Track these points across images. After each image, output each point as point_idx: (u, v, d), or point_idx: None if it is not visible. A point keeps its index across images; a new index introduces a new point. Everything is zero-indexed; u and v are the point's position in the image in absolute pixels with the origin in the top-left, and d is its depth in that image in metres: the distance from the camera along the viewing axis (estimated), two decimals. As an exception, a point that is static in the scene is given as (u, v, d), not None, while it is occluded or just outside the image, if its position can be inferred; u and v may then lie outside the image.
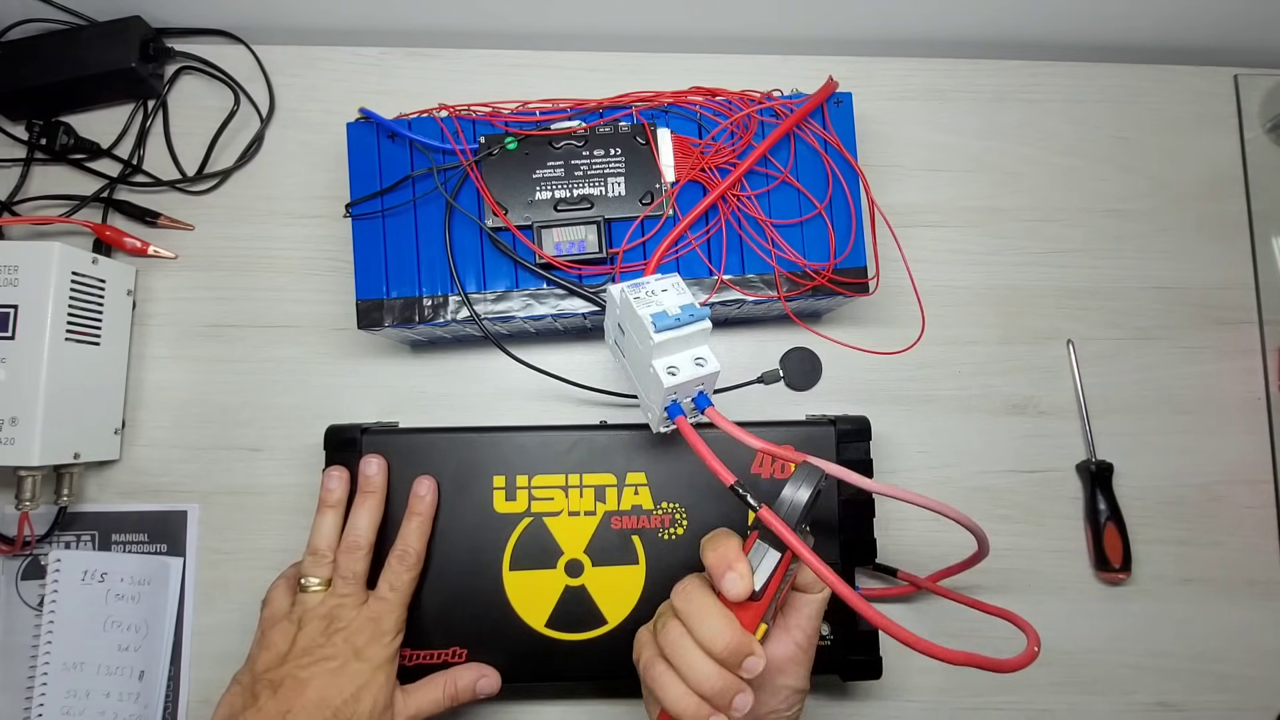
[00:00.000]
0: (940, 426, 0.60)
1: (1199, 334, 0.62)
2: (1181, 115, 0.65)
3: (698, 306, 0.42)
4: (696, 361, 0.42)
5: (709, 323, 0.42)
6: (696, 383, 0.42)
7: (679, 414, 0.43)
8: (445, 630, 0.50)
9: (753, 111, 0.52)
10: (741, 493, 0.40)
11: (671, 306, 0.42)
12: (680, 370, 0.42)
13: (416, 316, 0.51)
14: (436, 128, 0.51)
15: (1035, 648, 0.40)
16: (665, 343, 0.41)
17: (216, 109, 0.61)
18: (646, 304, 0.42)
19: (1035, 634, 0.40)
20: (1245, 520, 0.59)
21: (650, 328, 0.41)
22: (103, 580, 0.55)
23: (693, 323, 0.41)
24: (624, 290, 0.43)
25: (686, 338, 0.42)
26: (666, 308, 0.42)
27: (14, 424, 0.50)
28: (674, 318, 0.41)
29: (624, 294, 0.43)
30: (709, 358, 0.42)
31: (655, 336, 0.41)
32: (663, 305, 0.42)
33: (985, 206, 0.62)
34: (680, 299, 0.42)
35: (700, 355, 0.42)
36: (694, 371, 0.42)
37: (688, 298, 0.42)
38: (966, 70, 0.64)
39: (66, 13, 0.58)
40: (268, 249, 0.60)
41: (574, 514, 0.51)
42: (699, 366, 0.42)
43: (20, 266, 0.51)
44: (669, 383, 0.41)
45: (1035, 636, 0.40)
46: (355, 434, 0.52)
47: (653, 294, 0.43)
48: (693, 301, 0.42)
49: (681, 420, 0.42)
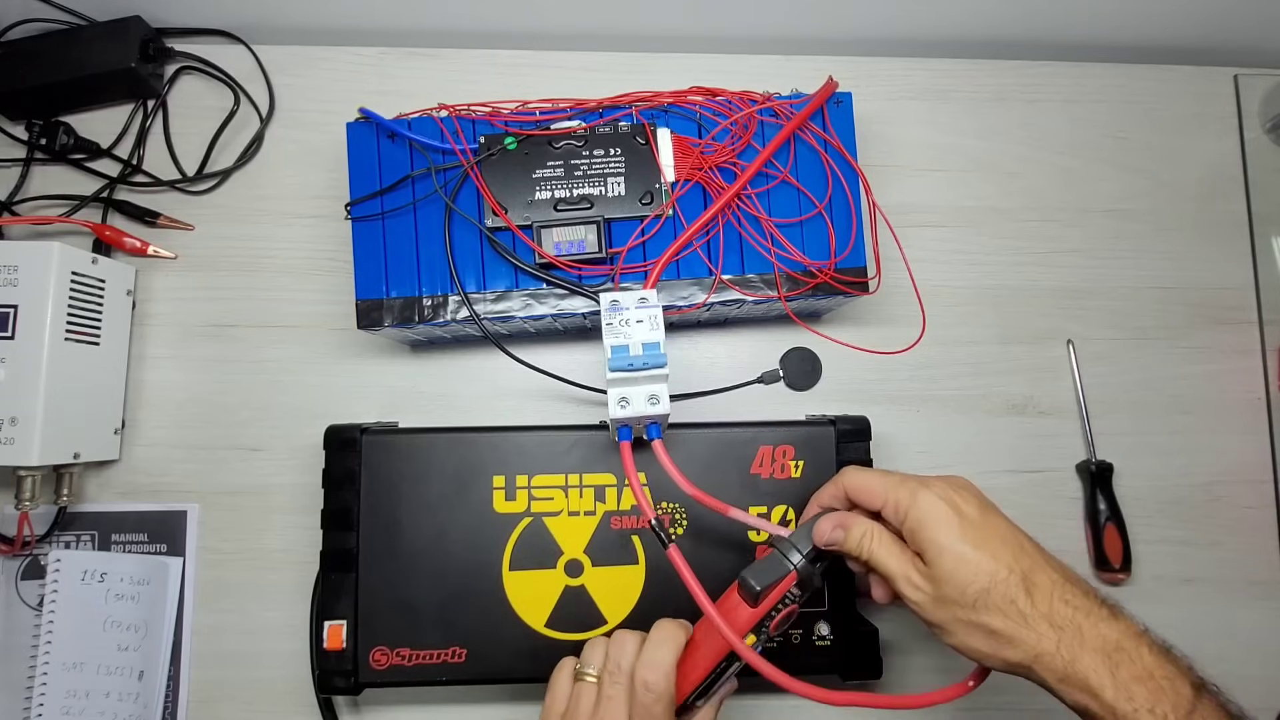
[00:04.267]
0: (940, 426, 0.60)
1: (1199, 334, 0.62)
2: (1181, 115, 0.65)
3: (660, 351, 0.44)
4: (650, 399, 0.44)
5: (666, 370, 0.44)
6: (647, 418, 0.45)
7: (626, 439, 0.45)
8: (445, 630, 0.50)
9: (753, 112, 0.52)
10: (657, 530, 0.43)
11: (636, 344, 0.44)
12: (631, 404, 0.44)
13: (416, 316, 0.51)
14: (436, 128, 0.51)
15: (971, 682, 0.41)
16: (619, 379, 0.43)
17: (216, 109, 0.61)
18: (615, 333, 0.44)
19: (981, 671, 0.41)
20: (1245, 520, 0.59)
21: (606, 363, 0.43)
22: (102, 580, 0.55)
23: (647, 369, 0.44)
24: (605, 308, 0.45)
25: (643, 378, 0.44)
26: (631, 344, 0.44)
27: (14, 424, 0.50)
28: (632, 359, 0.43)
29: (602, 310, 0.45)
30: (663, 398, 0.44)
31: (609, 374, 0.43)
32: (629, 339, 0.44)
33: (985, 206, 0.62)
34: (650, 335, 0.44)
35: (655, 393, 0.44)
36: (644, 409, 0.44)
37: (658, 335, 0.44)
38: (966, 70, 0.64)
39: (66, 13, 0.58)
40: (268, 249, 0.60)
41: (574, 514, 0.51)
42: (651, 405, 0.44)
43: (20, 266, 0.51)
44: (616, 414, 0.44)
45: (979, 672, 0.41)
46: (355, 434, 0.52)
47: (626, 323, 0.44)
48: (659, 342, 0.44)
49: (625, 446, 0.45)
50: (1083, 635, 0.37)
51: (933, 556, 0.39)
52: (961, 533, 0.39)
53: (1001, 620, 0.37)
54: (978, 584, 0.38)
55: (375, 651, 0.50)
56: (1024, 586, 0.38)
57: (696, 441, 0.52)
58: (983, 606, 0.38)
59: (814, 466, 0.52)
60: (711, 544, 0.51)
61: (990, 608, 0.37)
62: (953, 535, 0.39)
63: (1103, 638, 0.36)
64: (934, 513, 0.39)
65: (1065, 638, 0.37)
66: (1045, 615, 0.37)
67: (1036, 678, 0.38)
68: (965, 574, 0.38)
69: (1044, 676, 0.37)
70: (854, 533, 0.42)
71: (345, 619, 0.50)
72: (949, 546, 0.38)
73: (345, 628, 0.50)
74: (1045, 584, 0.38)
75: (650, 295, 0.46)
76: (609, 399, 0.44)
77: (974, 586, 0.38)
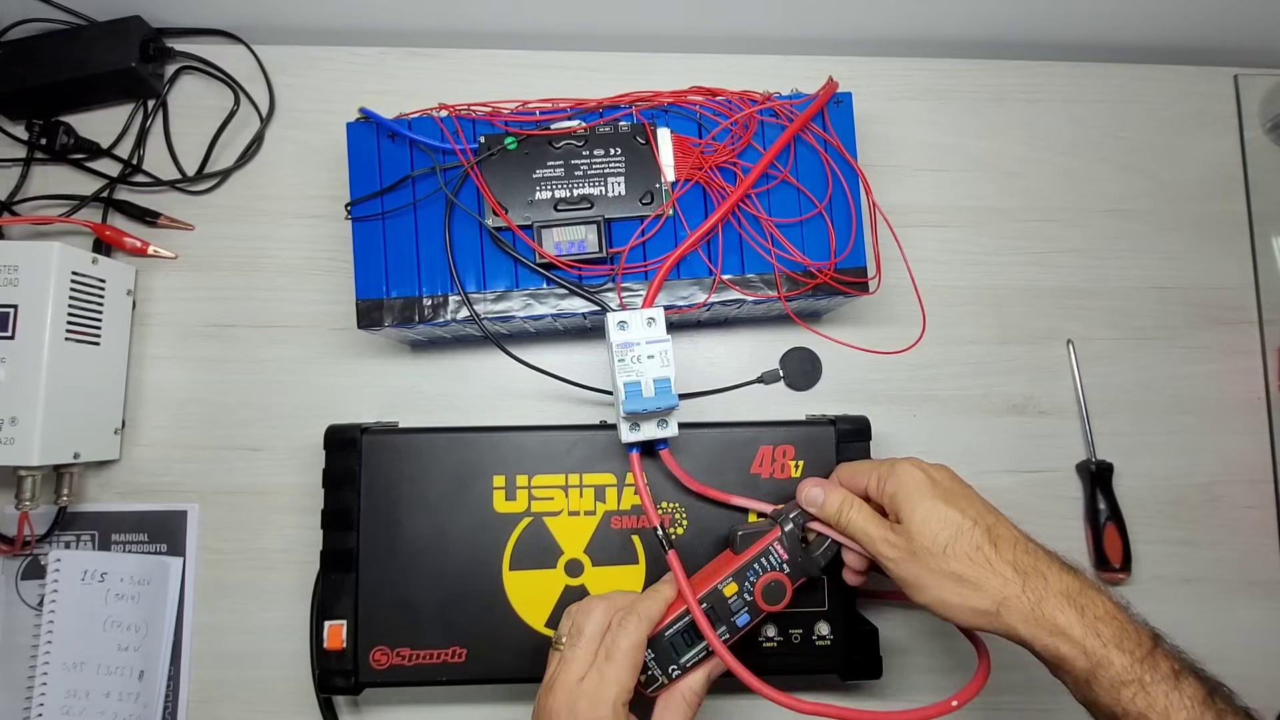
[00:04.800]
0: (940, 426, 0.60)
1: (1199, 334, 0.62)
2: (1181, 115, 0.65)
3: (671, 390, 0.45)
4: (659, 424, 0.47)
5: (676, 406, 0.46)
6: (656, 440, 0.48)
7: (636, 451, 0.48)
8: (445, 630, 0.50)
9: (753, 112, 0.52)
10: (660, 537, 0.47)
11: (648, 382, 0.46)
12: (642, 429, 0.47)
13: (416, 316, 0.51)
14: (436, 128, 0.51)
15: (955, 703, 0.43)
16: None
17: (216, 109, 0.61)
18: (627, 370, 0.46)
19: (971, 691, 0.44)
20: (1245, 520, 0.59)
21: (620, 406, 0.45)
22: (103, 580, 0.55)
23: (660, 411, 0.46)
24: (614, 340, 0.46)
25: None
26: (644, 381, 0.46)
27: (14, 424, 0.50)
28: (645, 401, 0.45)
29: (610, 342, 0.46)
30: (671, 425, 0.47)
31: (623, 412, 0.45)
32: (641, 375, 0.46)
33: (985, 206, 0.62)
34: (661, 371, 0.46)
35: (664, 420, 0.47)
36: (654, 433, 0.47)
37: (669, 371, 0.46)
38: (966, 70, 0.64)
39: (66, 13, 0.58)
40: (267, 249, 0.60)
41: (574, 514, 0.51)
42: (660, 429, 0.47)
43: (20, 266, 0.51)
44: (628, 438, 0.47)
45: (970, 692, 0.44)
46: (355, 434, 0.52)
47: (637, 360, 0.46)
48: (670, 378, 0.46)
49: (634, 457, 0.48)
50: (1046, 580, 0.40)
51: (906, 513, 0.43)
52: (932, 492, 0.43)
53: (968, 565, 0.41)
54: (946, 533, 0.42)
55: (375, 651, 0.50)
56: (989, 537, 0.42)
57: (697, 441, 0.52)
58: (951, 554, 0.41)
59: (814, 466, 0.52)
60: (711, 540, 0.51)
61: (958, 555, 0.41)
62: (924, 494, 0.43)
63: (1065, 584, 0.40)
64: (910, 477, 0.44)
65: (1030, 582, 0.40)
66: (1010, 562, 0.41)
67: (1005, 626, 0.40)
68: (934, 525, 0.42)
69: (1012, 622, 0.40)
70: (832, 498, 0.46)
71: (345, 619, 0.50)
72: (920, 503, 0.43)
73: (345, 628, 0.50)
74: (1008, 537, 0.42)
75: (658, 315, 0.47)
76: (620, 428, 0.47)
77: (943, 534, 0.41)
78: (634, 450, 0.48)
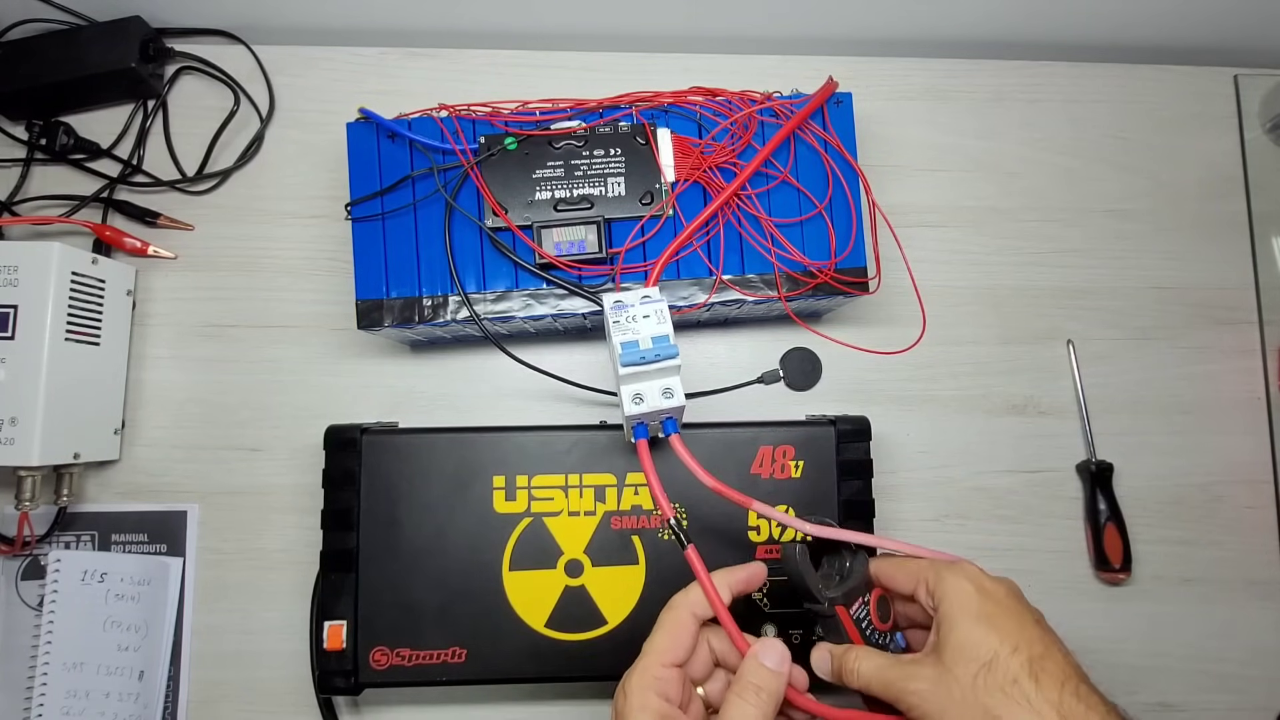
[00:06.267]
0: (940, 426, 0.60)
1: (1199, 334, 0.62)
2: (1181, 115, 0.65)
3: (670, 342, 0.43)
4: (664, 393, 0.44)
5: (678, 360, 0.43)
6: (663, 413, 0.44)
7: (643, 436, 0.44)
8: (445, 630, 0.50)
9: (753, 112, 0.52)
10: (676, 530, 0.42)
11: (645, 338, 0.43)
12: (646, 400, 0.43)
13: (416, 316, 0.51)
14: (436, 128, 0.51)
15: None
16: (631, 374, 0.43)
17: (216, 109, 0.61)
18: (623, 330, 0.44)
19: None
20: (1245, 520, 0.59)
21: (618, 360, 0.43)
22: (103, 580, 0.55)
23: (660, 360, 0.43)
24: (608, 307, 0.44)
25: (655, 371, 0.43)
26: (640, 338, 0.43)
27: (14, 424, 0.50)
28: (644, 352, 0.43)
29: (607, 311, 0.44)
30: (677, 391, 0.44)
31: (622, 369, 0.43)
32: (638, 334, 0.43)
33: (985, 206, 0.62)
34: (658, 329, 0.44)
35: (669, 386, 0.44)
36: (659, 403, 0.43)
37: (666, 329, 0.44)
38: (966, 70, 0.64)
39: (66, 13, 0.58)
40: (267, 249, 0.60)
41: (574, 514, 0.51)
42: (665, 398, 0.44)
43: (20, 266, 0.51)
44: (631, 411, 0.43)
45: None
46: (355, 434, 0.52)
47: (632, 319, 0.44)
48: (668, 334, 0.43)
49: (642, 444, 0.44)
50: None
51: (944, 634, 0.38)
52: (978, 611, 0.38)
53: (1001, 700, 0.35)
54: (978, 661, 0.37)
55: (375, 651, 0.50)
56: (1030, 670, 0.36)
57: (696, 442, 0.52)
58: (980, 686, 0.36)
59: (814, 466, 0.52)
60: (711, 541, 0.51)
61: (989, 687, 0.36)
62: (967, 613, 0.38)
63: None
64: (957, 590, 0.39)
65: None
66: (1053, 703, 0.35)
67: None
68: (969, 650, 0.37)
69: None
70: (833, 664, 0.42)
71: (345, 619, 0.50)
72: (960, 623, 0.38)
73: (345, 628, 0.50)
74: (1056, 673, 0.36)
75: (653, 292, 0.46)
76: (622, 397, 0.44)
77: (975, 663, 0.37)
78: (641, 435, 0.44)
